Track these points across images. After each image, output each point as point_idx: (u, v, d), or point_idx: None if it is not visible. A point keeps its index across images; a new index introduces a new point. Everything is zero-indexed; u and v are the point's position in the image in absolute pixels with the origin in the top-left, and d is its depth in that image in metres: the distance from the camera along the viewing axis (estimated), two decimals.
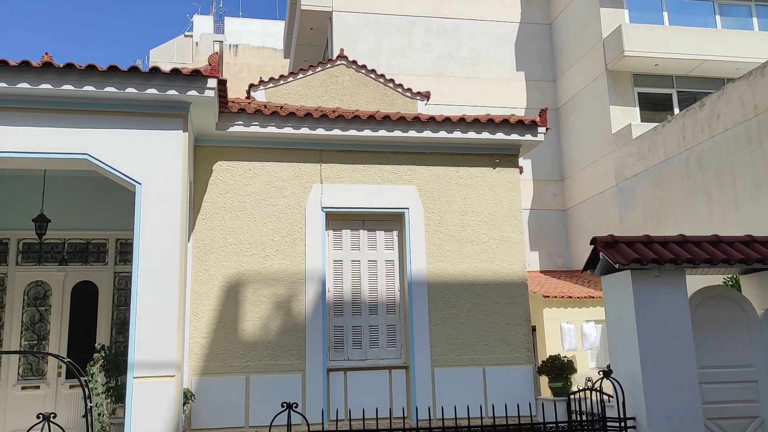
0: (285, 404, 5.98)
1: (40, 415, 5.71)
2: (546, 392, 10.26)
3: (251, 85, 11.66)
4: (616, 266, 6.49)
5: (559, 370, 8.80)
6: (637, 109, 17.17)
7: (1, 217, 9.57)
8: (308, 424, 6.40)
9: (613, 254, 6.55)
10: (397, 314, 9.05)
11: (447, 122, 9.12)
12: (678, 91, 17.61)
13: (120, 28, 77.53)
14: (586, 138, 17.95)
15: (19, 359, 9.38)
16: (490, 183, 9.45)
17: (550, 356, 9.04)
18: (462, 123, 9.16)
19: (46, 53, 7.48)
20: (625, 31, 16.71)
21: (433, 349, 8.76)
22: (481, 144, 9.40)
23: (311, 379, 8.39)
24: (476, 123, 9.20)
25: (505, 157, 9.58)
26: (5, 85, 7.00)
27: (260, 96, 11.55)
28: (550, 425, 6.46)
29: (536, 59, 19.58)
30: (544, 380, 9.88)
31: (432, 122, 9.09)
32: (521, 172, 9.87)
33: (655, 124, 15.30)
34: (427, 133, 9.09)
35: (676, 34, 17.24)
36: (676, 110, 17.03)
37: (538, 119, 9.40)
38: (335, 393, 8.50)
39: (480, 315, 9.01)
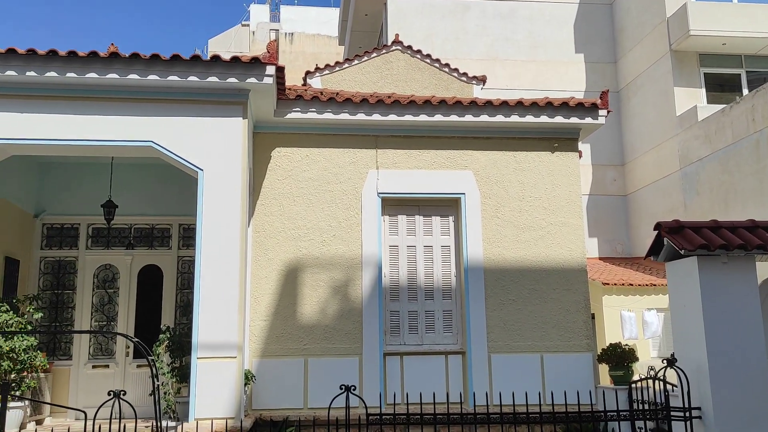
0: (343, 386, 6.08)
1: (111, 393, 5.95)
2: (605, 381, 10.06)
3: (307, 73, 11.75)
4: (682, 252, 6.29)
5: (620, 358, 8.61)
6: (703, 90, 16.50)
7: (73, 203, 9.98)
8: (366, 407, 6.48)
9: (678, 240, 6.34)
10: (453, 300, 9.02)
11: (504, 106, 8.99)
12: (747, 71, 16.82)
13: (178, 18, 79.44)
14: (648, 121, 17.38)
15: (90, 339, 9.81)
16: (549, 167, 9.28)
17: (611, 344, 8.85)
18: (520, 106, 9.01)
19: (112, 44, 7.74)
20: (690, 9, 16.04)
21: (489, 335, 8.72)
22: (540, 128, 9.24)
23: (368, 363, 8.48)
24: (534, 106, 9.04)
25: (564, 140, 9.38)
26: (75, 75, 7.28)
27: (316, 83, 11.63)
28: (611, 414, 6.34)
29: (596, 40, 19.03)
30: (603, 369, 9.70)
31: (489, 106, 8.98)
32: (580, 156, 9.66)
33: (723, 106, 14.67)
34: (484, 118, 8.99)
35: (745, 11, 16.44)
36: (745, 91, 16.28)
37: (598, 102, 9.16)
38: (391, 377, 8.56)
39: (538, 301, 8.90)
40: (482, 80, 12.16)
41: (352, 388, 6.12)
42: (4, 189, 8.89)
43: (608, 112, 9.19)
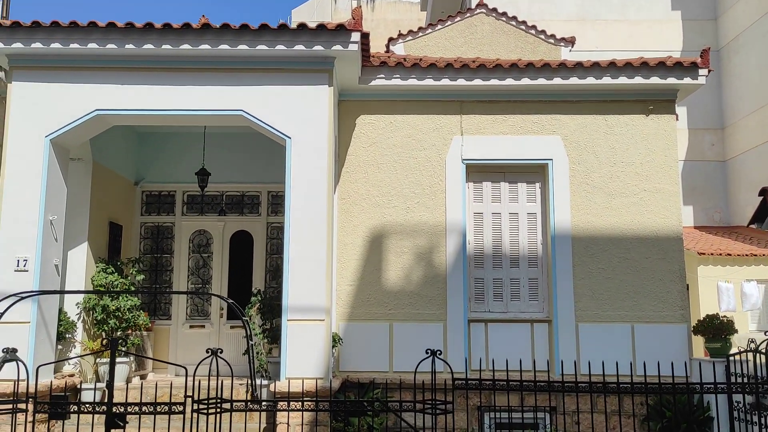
0: (429, 351, 6.14)
1: (209, 350, 6.28)
2: (699, 353, 9.67)
3: (390, 39, 11.70)
4: None
5: (717, 330, 8.22)
6: None
7: (169, 172, 10.47)
8: (452, 372, 6.54)
9: None
10: (539, 268, 8.87)
11: (595, 67, 8.64)
12: None
13: None
14: (752, 81, 16.23)
15: (187, 300, 10.35)
16: (643, 131, 8.88)
17: (708, 315, 8.46)
18: (612, 67, 8.63)
19: (203, 16, 7.97)
20: None
21: (577, 304, 8.54)
22: (633, 90, 8.83)
23: (452, 329, 8.51)
24: (628, 67, 8.63)
25: (660, 103, 8.93)
26: (169, 46, 7.56)
27: (399, 50, 11.58)
28: (708, 386, 6.10)
29: None
30: (697, 341, 9.31)
31: (579, 68, 8.65)
32: (677, 119, 9.17)
33: None
34: (574, 80, 8.67)
35: None
36: None
37: (698, 60, 8.63)
38: (476, 344, 8.57)
39: (629, 270, 8.61)
40: (571, 42, 11.73)
41: (438, 353, 6.17)
42: (107, 158, 9.42)
43: (709, 71, 8.65)
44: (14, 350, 6.22)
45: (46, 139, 7.68)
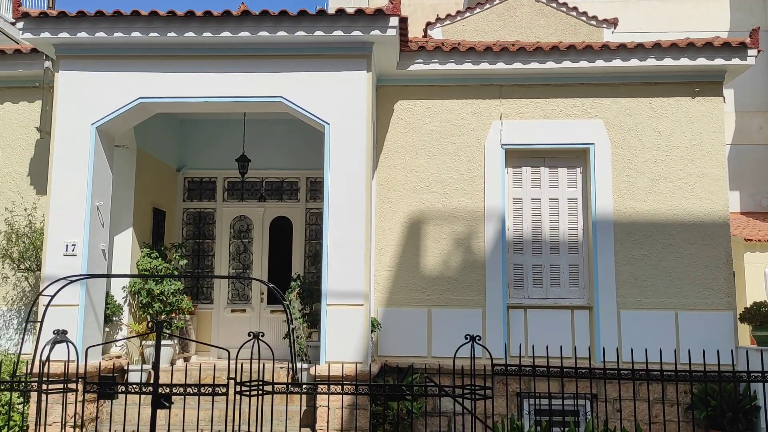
0: (468, 336, 6.12)
1: (251, 334, 6.38)
2: (745, 341, 9.44)
3: (428, 24, 11.60)
4: None
5: (764, 317, 8.00)
6: None
7: (210, 158, 10.63)
8: (491, 358, 6.52)
9: None
10: (580, 254, 8.75)
11: (639, 49, 8.43)
12: None
13: None
14: None
15: (228, 285, 10.53)
16: (688, 114, 8.65)
17: (755, 303, 8.24)
18: (657, 49, 8.41)
19: (243, 3, 8.01)
20: None
21: (619, 291, 8.41)
22: (679, 71, 8.59)
23: (491, 315, 8.47)
24: (673, 48, 8.40)
25: (707, 85, 8.68)
26: (210, 34, 7.65)
27: (437, 34, 11.48)
28: (755, 374, 5.95)
29: None
30: (743, 328, 9.08)
31: (622, 50, 8.46)
32: (724, 102, 8.90)
33: None
34: (617, 62, 8.48)
35: None
36: None
37: (747, 40, 8.34)
38: (515, 330, 8.52)
39: (673, 256, 8.43)
40: (613, 23, 11.46)
41: (477, 338, 6.15)
42: (151, 145, 9.60)
43: (758, 51, 8.36)
44: (64, 332, 6.43)
45: (92, 126, 7.87)
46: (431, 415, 8.03)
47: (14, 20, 7.78)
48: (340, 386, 6.24)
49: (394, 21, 7.57)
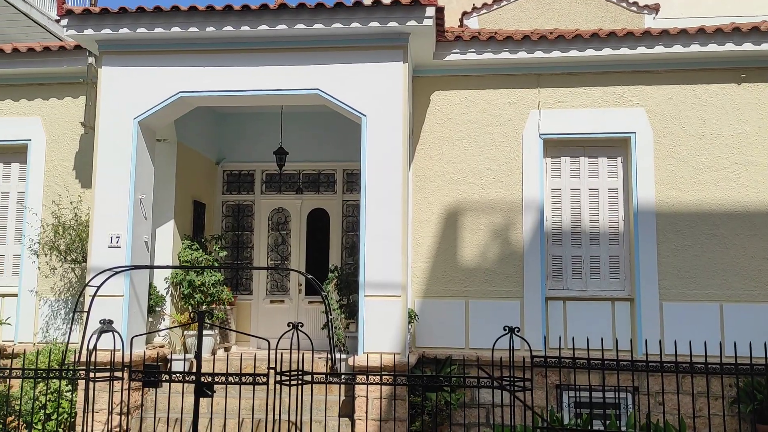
0: (507, 328, 6.09)
1: (290, 324, 6.46)
2: None
3: (464, 13, 11.51)
4: None
5: None
6: None
7: (249, 151, 10.76)
8: (530, 349, 6.47)
9: None
10: (620, 245, 8.61)
11: (683, 35, 8.22)
12: None
13: None
14: None
15: (267, 276, 10.67)
16: (734, 101, 8.41)
17: None
18: (701, 34, 8.19)
19: None
20: None
21: (661, 282, 8.24)
22: (724, 57, 8.36)
23: (529, 306, 8.40)
24: (718, 33, 8.17)
25: (753, 70, 8.42)
26: (248, 27, 7.72)
27: (473, 23, 11.39)
28: None
29: None
30: None
31: (665, 36, 8.26)
32: None
33: None
34: (659, 49, 8.29)
35: None
36: None
37: None
38: (554, 322, 8.44)
39: (718, 247, 8.23)
40: (655, 9, 11.23)
41: (516, 330, 6.12)
42: (191, 139, 9.76)
43: None
44: (110, 321, 6.60)
45: (134, 121, 8.03)
46: (469, 406, 8.02)
47: (59, 18, 7.98)
48: (378, 377, 6.28)
49: (430, 11, 7.53)
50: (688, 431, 7.21)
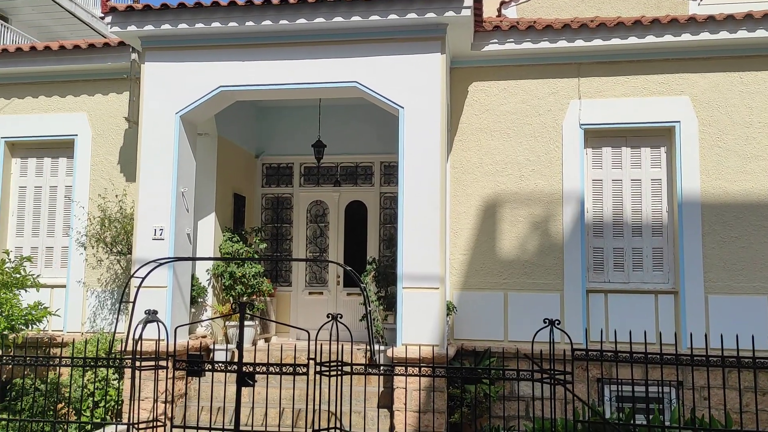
0: (547, 320, 6.03)
1: (330, 315, 6.52)
2: None
3: (502, 2, 11.38)
4: None
5: None
6: None
7: (287, 144, 10.86)
8: (571, 342, 6.40)
9: None
10: (664, 237, 8.43)
11: (729, 20, 7.98)
12: None
13: None
14: None
15: (306, 268, 10.77)
16: None
17: None
18: (749, 20, 7.94)
19: None
20: None
21: (707, 275, 8.05)
22: None
23: (569, 299, 8.30)
24: (767, 18, 7.90)
25: None
26: (286, 21, 7.78)
27: (511, 13, 11.26)
28: None
29: None
30: None
31: (710, 22, 8.03)
32: None
33: None
34: (705, 35, 8.07)
35: None
36: None
37: None
38: (595, 315, 8.32)
39: (766, 239, 8.00)
40: None
41: (557, 322, 6.05)
42: (231, 133, 9.89)
43: None
44: (155, 312, 6.76)
45: (176, 115, 8.18)
46: (509, 399, 7.98)
47: (103, 15, 8.16)
48: (417, 368, 6.30)
49: (468, 1, 7.47)
50: (734, 427, 7.04)
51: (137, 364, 6.46)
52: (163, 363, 6.72)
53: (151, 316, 6.67)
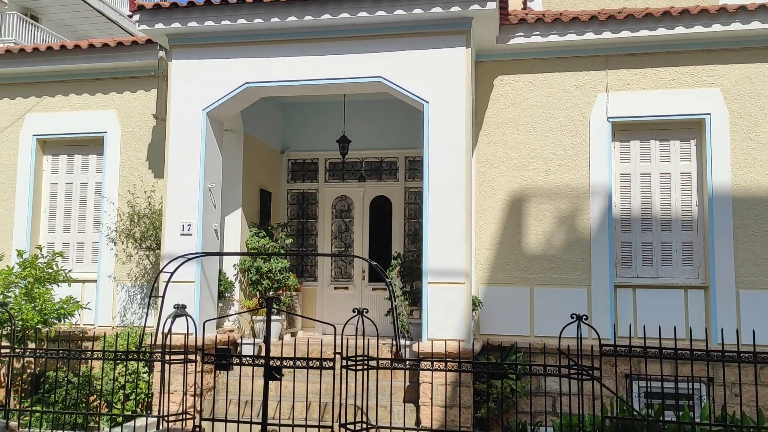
0: (575, 316, 5.99)
1: (355, 310, 6.55)
2: None
3: None
4: None
5: None
6: None
7: (312, 140, 10.91)
8: (599, 338, 6.34)
9: None
10: (694, 231, 8.30)
11: (762, 10, 7.82)
12: None
13: None
14: None
15: (331, 263, 10.82)
16: None
17: None
18: None
19: None
20: None
21: (738, 270, 7.92)
22: None
23: (597, 294, 8.23)
24: None
25: None
26: (311, 17, 7.80)
27: (537, 5, 11.13)
28: None
29: None
30: None
31: (742, 12, 7.87)
32: None
33: None
34: (736, 26, 7.91)
35: None
36: None
37: None
38: (623, 310, 8.23)
39: None
40: None
41: (584, 317, 6.01)
42: (257, 129, 9.97)
43: None
44: (183, 306, 6.86)
45: (203, 112, 8.26)
46: (536, 394, 7.94)
47: (131, 13, 8.26)
48: (443, 363, 6.30)
49: None
50: (766, 423, 6.91)
51: (167, 357, 6.56)
52: (191, 357, 6.82)
53: (180, 311, 6.77)
